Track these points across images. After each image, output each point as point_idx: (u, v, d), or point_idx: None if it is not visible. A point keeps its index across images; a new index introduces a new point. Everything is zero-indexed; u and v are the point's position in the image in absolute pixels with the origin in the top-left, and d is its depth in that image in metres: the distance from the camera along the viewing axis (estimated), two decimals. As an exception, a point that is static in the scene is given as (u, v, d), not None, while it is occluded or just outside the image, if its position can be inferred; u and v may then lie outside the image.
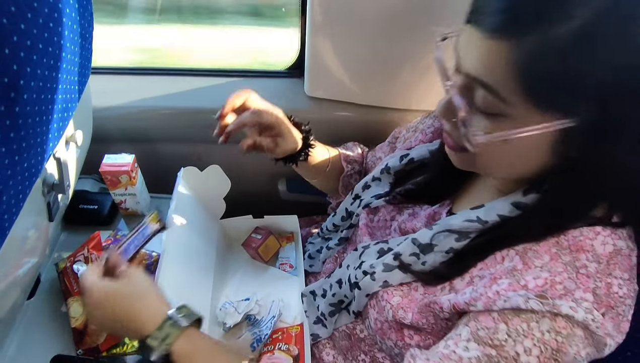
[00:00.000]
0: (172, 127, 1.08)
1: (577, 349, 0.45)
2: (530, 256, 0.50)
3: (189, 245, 0.84)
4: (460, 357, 0.48)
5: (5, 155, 0.38)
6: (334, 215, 0.87)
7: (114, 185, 0.89)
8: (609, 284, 0.46)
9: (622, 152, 0.44)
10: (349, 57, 0.97)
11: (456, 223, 0.58)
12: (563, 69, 0.40)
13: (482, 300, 0.49)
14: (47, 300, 0.81)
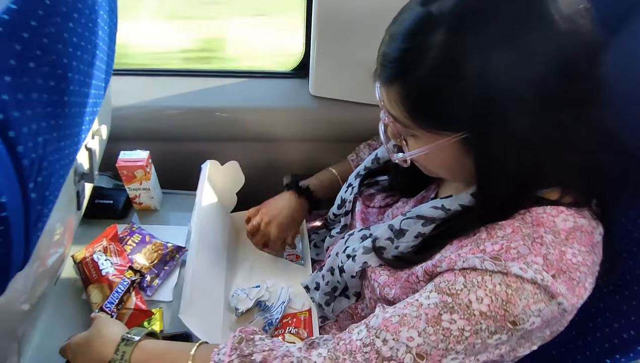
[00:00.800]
0: (182, 126, 1.13)
1: (527, 302, 0.48)
2: (496, 229, 0.54)
3: (210, 235, 0.89)
4: (421, 304, 0.53)
5: (55, 141, 0.43)
6: (333, 206, 0.92)
7: (129, 179, 0.94)
8: (562, 252, 0.50)
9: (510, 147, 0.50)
10: (351, 59, 1.02)
11: (425, 210, 0.64)
12: (433, 99, 0.49)
13: (446, 262, 0.54)
14: (66, 287, 0.85)
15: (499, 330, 0.49)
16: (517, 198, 0.55)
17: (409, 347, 0.51)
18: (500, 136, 0.49)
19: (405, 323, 0.52)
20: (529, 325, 0.49)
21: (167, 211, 1.04)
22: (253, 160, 1.12)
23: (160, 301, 0.84)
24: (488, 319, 0.49)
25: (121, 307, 0.76)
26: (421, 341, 0.51)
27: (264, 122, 1.13)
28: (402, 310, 0.54)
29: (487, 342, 0.50)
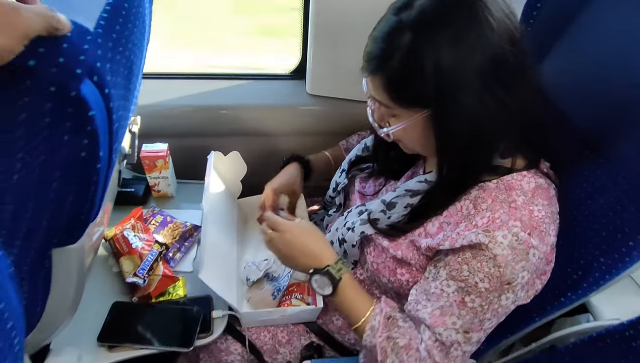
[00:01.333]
0: (192, 123, 1.25)
1: (512, 267, 0.65)
2: (479, 201, 0.70)
3: (219, 213, 1.01)
4: (447, 293, 0.70)
5: (124, 118, 0.55)
6: (329, 189, 1.05)
7: (150, 169, 1.06)
8: (531, 210, 0.66)
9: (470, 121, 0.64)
10: (344, 60, 1.16)
11: (411, 185, 0.79)
12: (404, 84, 0.65)
13: (449, 241, 0.69)
14: (97, 262, 0.97)
15: (502, 292, 0.67)
16: (472, 165, 0.70)
17: (456, 329, 0.70)
18: (454, 112, 0.64)
19: (445, 313, 0.70)
20: (521, 279, 0.67)
21: (181, 198, 1.17)
22: (257, 154, 1.25)
23: (182, 271, 0.97)
24: (492, 292, 0.67)
25: (151, 273, 0.88)
26: (461, 322, 0.70)
27: (266, 119, 1.26)
28: (437, 303, 0.71)
29: (502, 303, 0.68)
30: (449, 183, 0.72)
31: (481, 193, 0.70)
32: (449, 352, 0.72)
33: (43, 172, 0.43)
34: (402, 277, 0.78)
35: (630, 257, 0.69)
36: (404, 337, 0.74)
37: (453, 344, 0.71)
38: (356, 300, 0.78)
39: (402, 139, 0.74)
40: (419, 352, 0.72)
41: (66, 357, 0.79)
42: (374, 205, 0.82)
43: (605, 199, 0.72)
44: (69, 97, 0.38)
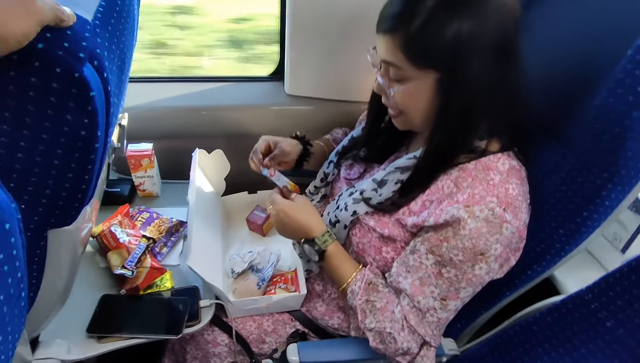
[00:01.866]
0: (176, 125, 1.28)
1: (485, 239, 0.71)
2: (460, 181, 0.75)
3: (205, 206, 1.04)
4: (426, 265, 0.76)
5: (117, 105, 0.59)
6: (315, 179, 1.10)
7: (136, 168, 1.09)
8: (506, 188, 0.72)
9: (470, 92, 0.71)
10: (321, 62, 1.22)
11: (401, 162, 0.84)
12: (422, 45, 0.69)
13: (433, 216, 0.75)
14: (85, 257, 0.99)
15: (476, 263, 0.73)
16: (461, 137, 0.76)
17: (434, 297, 0.77)
18: (462, 78, 0.69)
19: (424, 284, 0.77)
20: (494, 251, 0.72)
21: (166, 197, 1.20)
22: (238, 153, 1.28)
23: (169, 265, 0.99)
24: (466, 262, 0.73)
25: (139, 266, 0.91)
26: (439, 291, 0.76)
27: (247, 119, 1.31)
28: (416, 274, 0.78)
29: (475, 273, 0.74)
30: (436, 152, 0.77)
31: (461, 174, 0.76)
32: (425, 317, 0.78)
33: (46, 149, 0.46)
34: (387, 254, 0.84)
35: (586, 227, 0.76)
36: (382, 300, 0.81)
37: (429, 310, 0.77)
38: (341, 267, 0.86)
39: (406, 104, 0.77)
40: (393, 314, 0.80)
41: (56, 348, 0.81)
42: (365, 185, 0.87)
43: (559, 175, 0.79)
44: (73, 78, 0.42)
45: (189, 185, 1.01)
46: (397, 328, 0.80)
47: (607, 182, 0.72)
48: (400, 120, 0.82)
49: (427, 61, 0.70)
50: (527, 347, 0.80)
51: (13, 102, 0.42)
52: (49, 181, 0.50)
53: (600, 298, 0.69)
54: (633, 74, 0.62)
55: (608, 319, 0.68)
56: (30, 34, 0.39)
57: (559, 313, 0.76)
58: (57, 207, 0.54)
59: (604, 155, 0.71)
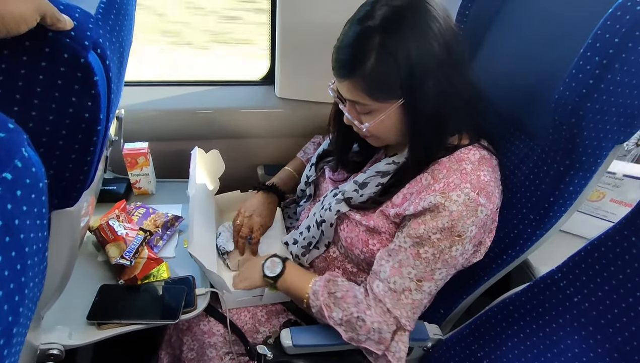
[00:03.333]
0: (170, 127, 1.34)
1: (463, 221, 0.77)
2: (436, 173, 0.82)
3: (203, 200, 1.09)
4: (405, 248, 0.81)
5: (117, 100, 0.64)
6: (300, 183, 1.15)
7: (132, 166, 1.14)
8: (478, 176, 0.78)
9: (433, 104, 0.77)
10: (311, 65, 1.29)
11: (381, 166, 0.91)
12: (380, 80, 0.75)
13: (413, 206, 0.81)
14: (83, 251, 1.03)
15: (452, 244, 0.78)
16: (436, 141, 0.82)
17: (410, 278, 0.81)
18: (422, 96, 0.76)
19: (402, 265, 0.82)
20: (469, 233, 0.78)
21: (161, 195, 1.24)
22: (231, 154, 1.34)
23: (166, 257, 1.04)
24: (443, 241, 0.78)
25: (137, 256, 0.95)
26: (416, 272, 0.81)
27: (239, 122, 1.37)
28: (396, 257, 0.82)
29: (452, 254, 0.79)
30: (419, 159, 0.84)
31: (437, 166, 0.82)
32: (400, 299, 0.83)
33: (52, 129, 0.51)
34: (373, 247, 0.89)
35: (553, 211, 0.82)
36: (341, 290, 0.87)
37: (404, 291, 0.82)
38: (302, 276, 0.94)
39: (378, 131, 0.83)
40: (356, 297, 0.85)
41: (58, 334, 0.85)
42: (347, 186, 0.94)
43: (527, 166, 0.85)
44: (79, 63, 0.48)
45: (189, 180, 1.06)
46: (363, 308, 0.84)
47: (570, 168, 0.78)
48: (373, 140, 0.89)
49: (387, 93, 0.77)
50: (504, 325, 0.85)
51: (23, 84, 0.47)
52: (53, 161, 0.55)
53: (568, 275, 0.74)
54: (585, 69, 0.68)
55: (575, 295, 0.73)
56: (28, 19, 0.43)
57: (532, 292, 0.81)
58: (59, 188, 0.59)
59: (564, 143, 0.76)
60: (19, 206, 0.33)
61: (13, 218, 0.32)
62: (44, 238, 0.40)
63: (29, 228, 0.35)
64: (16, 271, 0.32)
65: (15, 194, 0.32)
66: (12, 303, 0.32)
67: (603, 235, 0.68)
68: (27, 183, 0.34)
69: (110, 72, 0.53)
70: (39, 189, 0.37)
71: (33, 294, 0.39)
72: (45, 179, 0.39)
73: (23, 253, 0.34)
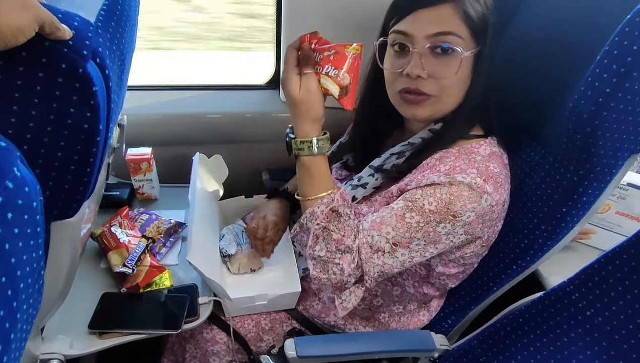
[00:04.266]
0: (174, 131, 1.33)
1: (464, 202, 0.74)
2: (444, 157, 0.80)
3: (203, 207, 1.07)
4: (392, 208, 0.79)
5: (118, 109, 0.63)
6: None
7: (135, 171, 1.12)
8: (487, 165, 0.76)
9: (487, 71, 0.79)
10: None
11: (396, 149, 0.89)
12: (481, 13, 0.76)
13: (415, 181, 0.79)
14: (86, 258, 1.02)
15: (443, 220, 0.74)
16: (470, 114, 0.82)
17: (387, 239, 0.77)
18: (488, 53, 0.78)
19: (383, 222, 0.78)
20: (466, 218, 0.74)
21: (165, 201, 1.23)
22: (235, 159, 1.32)
23: (168, 264, 1.02)
24: (434, 214, 0.74)
25: (139, 264, 0.94)
26: (394, 234, 0.77)
27: (243, 127, 1.35)
28: (381, 213, 0.79)
29: (437, 231, 0.75)
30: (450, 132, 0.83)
31: (445, 155, 0.81)
32: (372, 257, 0.78)
33: (50, 141, 0.50)
34: None
35: (565, 222, 0.79)
36: (339, 232, 0.79)
37: (379, 251, 0.78)
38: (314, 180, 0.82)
39: (449, 84, 0.79)
40: (346, 245, 0.78)
41: (58, 343, 0.83)
42: (362, 173, 0.92)
43: (539, 175, 0.83)
44: (77, 73, 0.46)
45: (190, 186, 1.04)
46: (349, 260, 0.79)
47: (584, 178, 0.75)
48: (426, 106, 0.81)
49: (479, 32, 0.77)
50: (514, 337, 0.82)
51: (20, 95, 0.46)
52: (52, 173, 0.54)
53: (580, 288, 0.72)
54: (601, 77, 0.66)
55: (588, 308, 0.71)
56: (26, 29, 0.41)
57: (542, 305, 0.79)
58: (59, 199, 0.57)
59: (578, 153, 0.74)
60: (10, 229, 0.31)
61: (3, 242, 0.30)
62: (38, 258, 0.39)
63: (22, 251, 0.33)
64: (7, 297, 0.31)
65: (5, 217, 0.30)
66: (3, 331, 0.30)
67: (618, 247, 0.65)
68: (19, 204, 0.32)
69: (110, 82, 0.52)
70: (33, 209, 0.35)
71: (27, 315, 0.38)
72: (40, 196, 0.38)
73: (14, 278, 0.32)
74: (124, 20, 0.61)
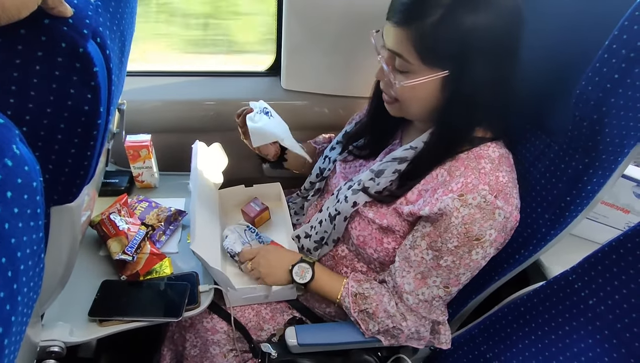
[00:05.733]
0: (174, 119, 1.31)
1: (480, 224, 0.74)
2: (453, 169, 0.78)
3: (206, 200, 1.06)
4: (426, 260, 0.80)
5: (118, 93, 0.61)
6: (310, 175, 1.12)
7: (134, 158, 1.11)
8: (497, 176, 0.75)
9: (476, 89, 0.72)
10: (317, 57, 1.25)
11: (398, 153, 0.87)
12: (435, 42, 0.68)
13: (428, 206, 0.77)
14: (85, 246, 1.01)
15: (472, 248, 0.76)
16: (463, 131, 0.78)
17: (437, 286, 0.81)
18: (468, 76, 0.70)
19: (425, 276, 0.81)
20: (489, 236, 0.75)
21: (164, 188, 1.22)
22: (235, 148, 1.31)
23: (168, 252, 1.02)
24: (462, 247, 0.76)
25: (139, 252, 0.93)
26: (441, 279, 0.80)
27: (244, 114, 1.33)
28: (418, 269, 0.81)
29: (473, 258, 0.77)
30: (440, 146, 0.79)
31: (454, 163, 0.78)
32: (432, 305, 0.84)
33: (50, 122, 0.49)
34: (388, 245, 0.86)
35: (569, 211, 0.79)
36: (372, 304, 0.87)
37: (434, 298, 0.83)
38: (330, 281, 0.94)
39: (407, 98, 0.77)
40: (387, 312, 0.85)
41: (59, 330, 0.83)
42: (362, 176, 0.89)
43: (543, 164, 0.82)
44: (78, 53, 0.45)
45: (191, 174, 1.03)
46: (398, 321, 0.85)
47: (589, 167, 0.75)
48: (394, 107, 0.83)
49: (437, 59, 0.71)
50: (515, 326, 0.82)
51: (19, 75, 0.45)
52: (51, 156, 0.53)
53: (583, 277, 0.71)
54: (610, 63, 0.65)
55: (590, 297, 0.71)
56: (29, 2, 0.40)
57: (544, 293, 0.78)
58: (59, 183, 0.56)
59: (584, 141, 0.73)
60: (10, 208, 0.30)
61: (2, 222, 0.29)
62: (39, 240, 0.38)
63: (22, 231, 0.32)
64: (7, 278, 0.30)
65: (4, 196, 0.30)
66: (3, 314, 0.29)
67: (622, 236, 0.65)
68: (18, 183, 0.31)
69: (111, 63, 0.51)
70: (33, 189, 0.34)
71: (28, 299, 0.37)
72: (40, 176, 0.37)
73: (14, 259, 0.31)
74: (124, 2, 0.60)
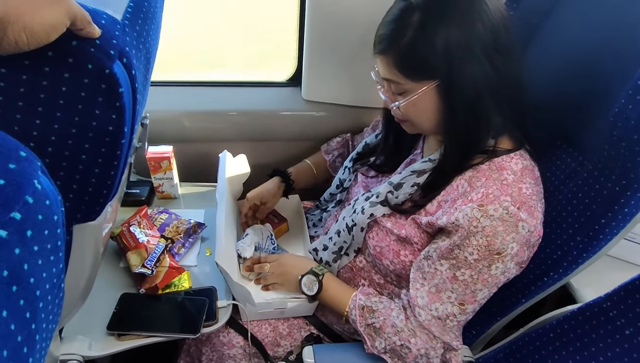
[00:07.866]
0: (195, 129, 1.31)
1: (502, 237, 0.71)
2: (474, 180, 0.76)
3: (229, 212, 1.05)
4: (441, 271, 0.77)
5: (143, 102, 0.61)
6: (330, 187, 1.11)
7: (155, 169, 1.11)
8: (520, 188, 0.73)
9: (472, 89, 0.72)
10: (338, 68, 1.24)
11: (417, 166, 0.85)
12: (415, 59, 0.73)
13: (446, 216, 0.75)
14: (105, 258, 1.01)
15: (492, 262, 0.73)
16: (474, 136, 0.77)
17: (451, 302, 0.77)
18: (459, 80, 0.72)
19: (439, 290, 0.78)
20: (510, 250, 0.72)
21: (184, 199, 1.22)
22: (254, 157, 1.30)
23: (187, 265, 1.01)
24: (481, 261, 0.73)
25: (158, 265, 0.92)
26: (456, 295, 0.77)
27: (264, 124, 1.33)
28: (432, 281, 0.78)
29: (491, 273, 0.74)
30: (454, 155, 0.79)
31: (475, 174, 0.77)
32: (446, 324, 0.79)
33: (75, 143, 0.48)
34: (405, 258, 0.84)
35: (604, 233, 0.75)
36: (378, 319, 0.84)
37: (449, 317, 0.78)
38: (339, 293, 0.91)
39: (411, 114, 0.80)
40: (395, 327, 0.81)
41: (78, 344, 0.83)
42: (381, 188, 0.89)
43: (575, 183, 0.79)
44: (104, 74, 0.44)
45: (218, 184, 1.03)
46: (406, 337, 0.81)
47: (626, 189, 0.71)
48: (407, 125, 0.85)
49: (422, 73, 0.74)
50: (544, 353, 0.79)
51: (46, 96, 0.44)
52: (76, 176, 0.52)
53: (619, 305, 0.68)
54: (652, 80, 0.62)
55: (627, 327, 0.67)
56: (58, 26, 0.39)
57: (576, 320, 0.75)
58: (82, 202, 0.56)
59: (622, 162, 0.70)
60: (29, 248, 0.29)
61: (22, 263, 0.28)
62: (59, 272, 0.37)
63: (41, 268, 0.31)
64: (25, 321, 0.29)
65: (24, 235, 0.28)
66: (21, 358, 0.28)
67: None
68: (39, 220, 0.30)
69: (136, 82, 0.50)
70: (53, 223, 0.33)
71: (47, 333, 0.36)
72: (62, 207, 0.36)
73: (33, 298, 0.30)
74: (150, 18, 0.59)
